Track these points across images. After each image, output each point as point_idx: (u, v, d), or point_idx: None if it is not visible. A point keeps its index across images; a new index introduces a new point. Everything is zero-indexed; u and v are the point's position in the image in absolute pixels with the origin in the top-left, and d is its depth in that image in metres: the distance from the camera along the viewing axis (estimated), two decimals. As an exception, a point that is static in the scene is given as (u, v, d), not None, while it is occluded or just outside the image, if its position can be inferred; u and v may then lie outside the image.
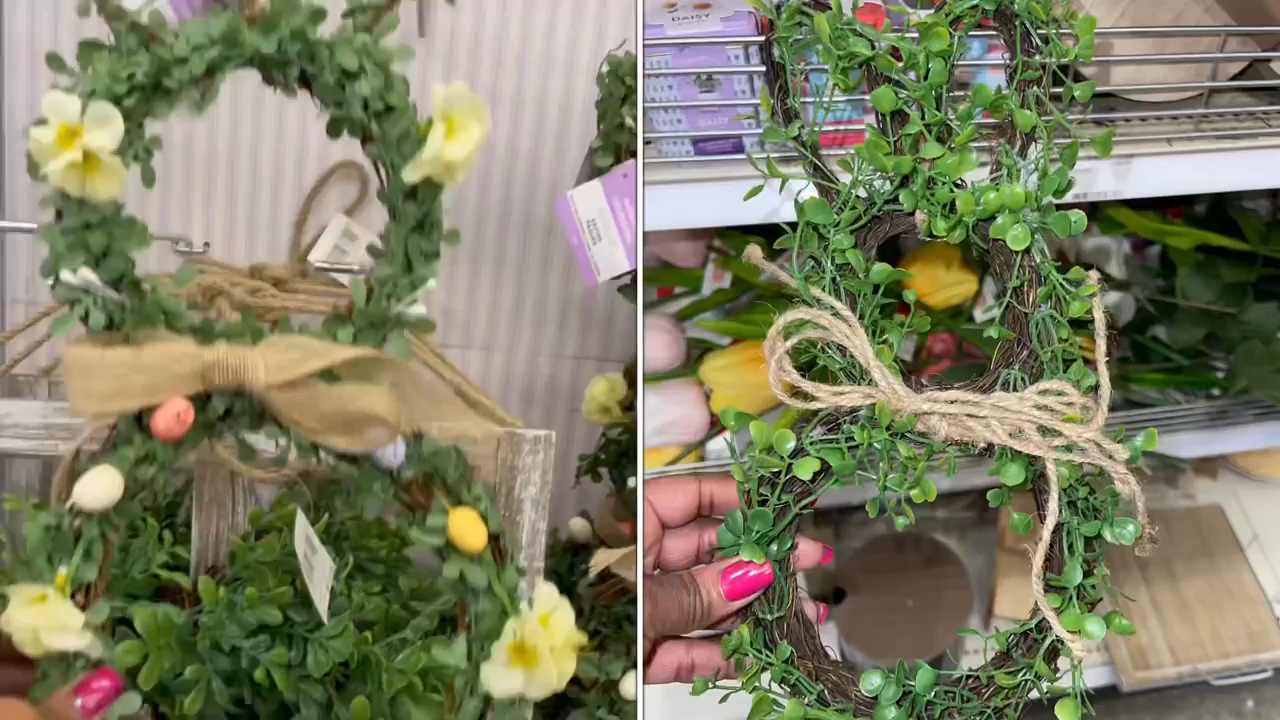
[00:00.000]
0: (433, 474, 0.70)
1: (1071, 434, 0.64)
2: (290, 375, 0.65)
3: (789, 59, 0.72)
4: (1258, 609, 1.41)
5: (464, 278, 1.19)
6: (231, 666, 0.82)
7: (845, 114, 0.79)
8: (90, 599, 0.66)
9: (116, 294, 0.63)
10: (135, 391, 0.64)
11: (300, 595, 0.82)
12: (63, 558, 0.65)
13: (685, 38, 0.80)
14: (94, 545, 0.66)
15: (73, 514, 0.65)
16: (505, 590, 0.69)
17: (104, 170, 0.60)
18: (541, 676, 0.68)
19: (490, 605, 0.69)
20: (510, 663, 0.68)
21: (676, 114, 0.85)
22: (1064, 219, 0.67)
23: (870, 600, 1.40)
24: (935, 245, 1.15)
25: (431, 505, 0.69)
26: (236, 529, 0.91)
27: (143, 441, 0.66)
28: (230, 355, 0.65)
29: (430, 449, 0.69)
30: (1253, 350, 1.21)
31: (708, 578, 0.66)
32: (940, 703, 0.66)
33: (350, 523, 1.00)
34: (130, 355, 0.63)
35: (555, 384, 1.24)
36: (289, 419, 0.66)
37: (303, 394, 0.66)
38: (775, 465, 0.66)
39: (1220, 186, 0.92)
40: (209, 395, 0.66)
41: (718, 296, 1.23)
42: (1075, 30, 0.69)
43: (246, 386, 0.65)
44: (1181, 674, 1.35)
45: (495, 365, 1.23)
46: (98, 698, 0.66)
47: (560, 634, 0.69)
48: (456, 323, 1.21)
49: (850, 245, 0.69)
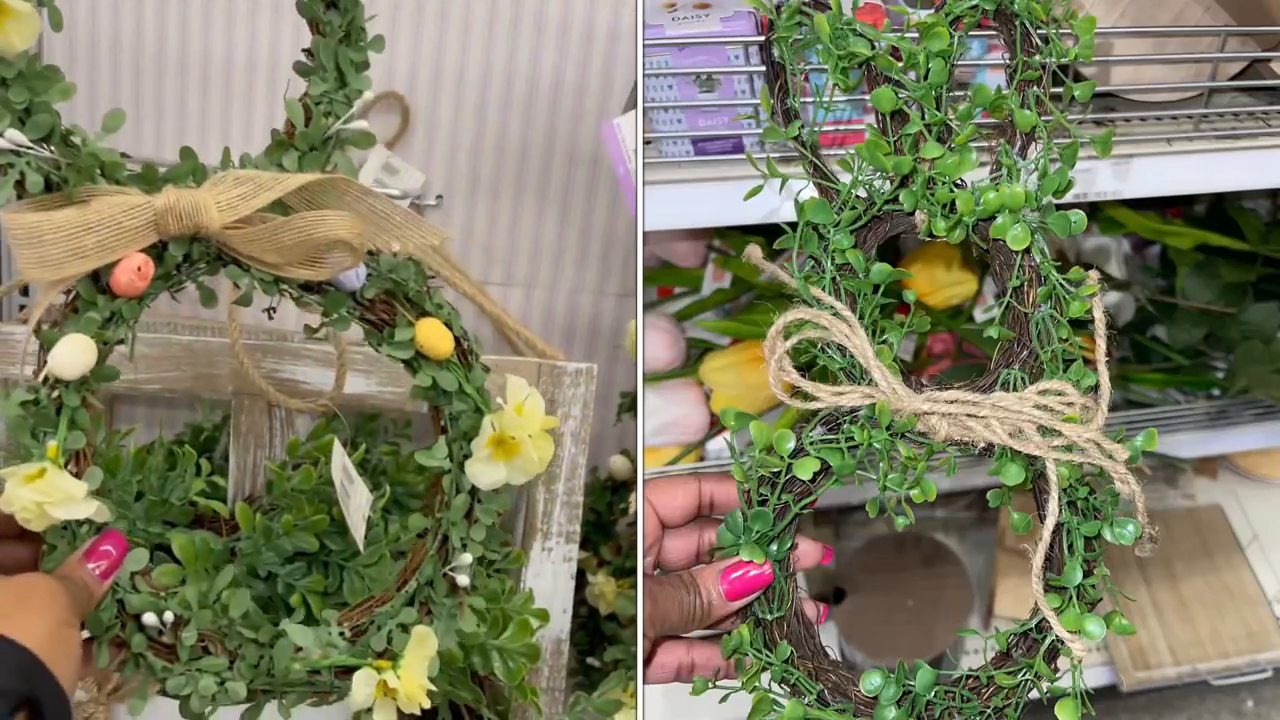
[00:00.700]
0: (394, 289, 0.70)
1: (1071, 434, 0.64)
2: (244, 212, 0.64)
3: (789, 59, 0.72)
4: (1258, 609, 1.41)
5: (506, 214, 1.17)
6: (268, 592, 0.82)
7: (845, 114, 0.79)
8: (82, 466, 0.66)
9: (49, 152, 0.62)
10: (89, 251, 0.62)
11: (336, 524, 0.82)
12: (48, 431, 0.65)
13: (685, 38, 0.80)
14: (78, 413, 0.65)
15: (49, 386, 0.65)
16: (475, 388, 0.72)
17: (15, 18, 0.58)
18: (523, 463, 0.72)
19: (464, 405, 0.72)
20: (492, 456, 0.71)
21: (676, 114, 0.85)
22: (1064, 219, 0.67)
23: (870, 600, 1.40)
24: (935, 245, 1.15)
25: (396, 320, 0.70)
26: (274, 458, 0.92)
27: (106, 302, 0.65)
28: (182, 199, 0.63)
29: (389, 265, 0.69)
30: (1253, 350, 1.21)
31: (708, 578, 0.66)
32: (940, 703, 0.66)
33: (388, 457, 1.01)
34: (78, 214, 0.61)
35: (597, 322, 1.21)
36: (248, 257, 0.65)
37: (262, 230, 0.65)
38: (775, 465, 0.66)
39: (1220, 186, 0.92)
40: (164, 244, 0.65)
41: (718, 296, 1.23)
42: (1075, 30, 0.69)
43: (202, 230, 0.64)
44: (1181, 674, 1.35)
45: (537, 302, 1.20)
46: (109, 560, 0.67)
47: (535, 420, 0.71)
48: (498, 259, 1.18)
49: (850, 245, 0.69)
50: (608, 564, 1.10)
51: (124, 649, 0.69)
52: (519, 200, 1.16)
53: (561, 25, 1.10)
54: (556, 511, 0.93)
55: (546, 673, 0.94)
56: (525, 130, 1.14)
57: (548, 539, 0.93)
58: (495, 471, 0.72)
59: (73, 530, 0.67)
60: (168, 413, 1.14)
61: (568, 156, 1.15)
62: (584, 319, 1.21)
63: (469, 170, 1.14)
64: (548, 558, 0.93)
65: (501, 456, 0.72)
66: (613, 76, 1.12)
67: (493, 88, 1.12)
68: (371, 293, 0.70)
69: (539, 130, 1.14)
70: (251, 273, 0.67)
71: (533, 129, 1.14)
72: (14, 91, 0.60)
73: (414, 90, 1.12)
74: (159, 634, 0.69)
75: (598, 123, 1.13)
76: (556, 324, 1.20)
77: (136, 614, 0.69)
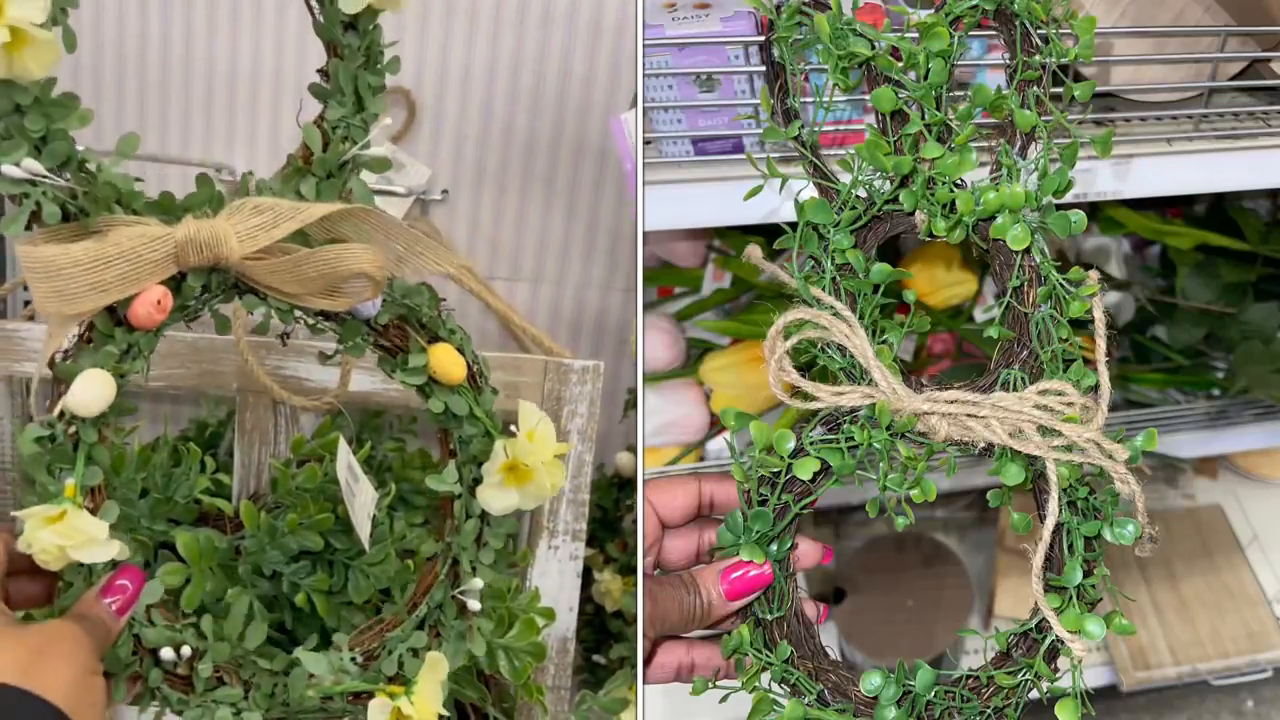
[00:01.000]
0: (407, 314, 0.70)
1: (1071, 434, 0.64)
2: (264, 243, 0.63)
3: (789, 59, 0.72)
4: (1258, 609, 1.41)
5: (512, 208, 1.16)
6: (272, 591, 0.82)
7: (845, 114, 0.79)
8: (98, 501, 0.65)
9: (64, 180, 0.60)
10: (109, 285, 0.60)
11: (341, 522, 0.82)
12: (64, 468, 0.63)
13: (685, 38, 0.80)
14: (95, 449, 0.64)
15: (65, 421, 0.63)
16: (485, 412, 0.72)
17: (32, 45, 0.56)
18: (534, 489, 0.72)
19: (475, 429, 0.72)
20: (504, 482, 0.71)
21: (676, 114, 0.85)
22: (1064, 219, 0.67)
23: (870, 600, 1.40)
24: (935, 245, 1.15)
25: (410, 346, 0.70)
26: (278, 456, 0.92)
27: (123, 334, 0.63)
28: (202, 231, 0.62)
29: (402, 290, 0.69)
30: (1253, 350, 1.21)
31: (708, 578, 0.66)
32: (940, 703, 0.66)
33: (393, 453, 1.00)
34: (97, 247, 0.60)
35: (604, 317, 1.20)
36: (267, 287, 0.64)
37: (283, 261, 0.64)
38: (775, 465, 0.66)
39: (1220, 186, 0.92)
40: (183, 275, 0.63)
41: (717, 296, 1.23)
42: (1075, 30, 0.69)
43: (222, 261, 0.62)
44: (1181, 674, 1.35)
45: (543, 297, 1.19)
46: (125, 595, 0.66)
47: (547, 447, 0.71)
48: (504, 254, 1.17)
49: (850, 245, 0.69)
50: (614, 561, 1.10)
51: (140, 682, 0.69)
52: (525, 194, 1.15)
53: (568, 17, 1.09)
54: (563, 509, 0.92)
55: (552, 671, 0.94)
56: (532, 124, 1.13)
57: (554, 537, 0.93)
58: (507, 497, 0.72)
59: (89, 567, 0.66)
60: (172, 409, 1.14)
61: (575, 150, 1.14)
62: (590, 314, 1.20)
63: (475, 164, 1.13)
64: (554, 556, 0.93)
65: (513, 482, 0.72)
66: (620, 69, 1.11)
67: (499, 81, 1.11)
68: (385, 319, 0.69)
69: (546, 124, 1.13)
70: (269, 301, 0.66)
71: (539, 122, 1.13)
72: (30, 119, 0.58)
73: (420, 84, 1.11)
74: (174, 666, 0.69)
75: (605, 116, 1.12)
76: (563, 319, 1.19)
77: (153, 648, 0.68)
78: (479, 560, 0.74)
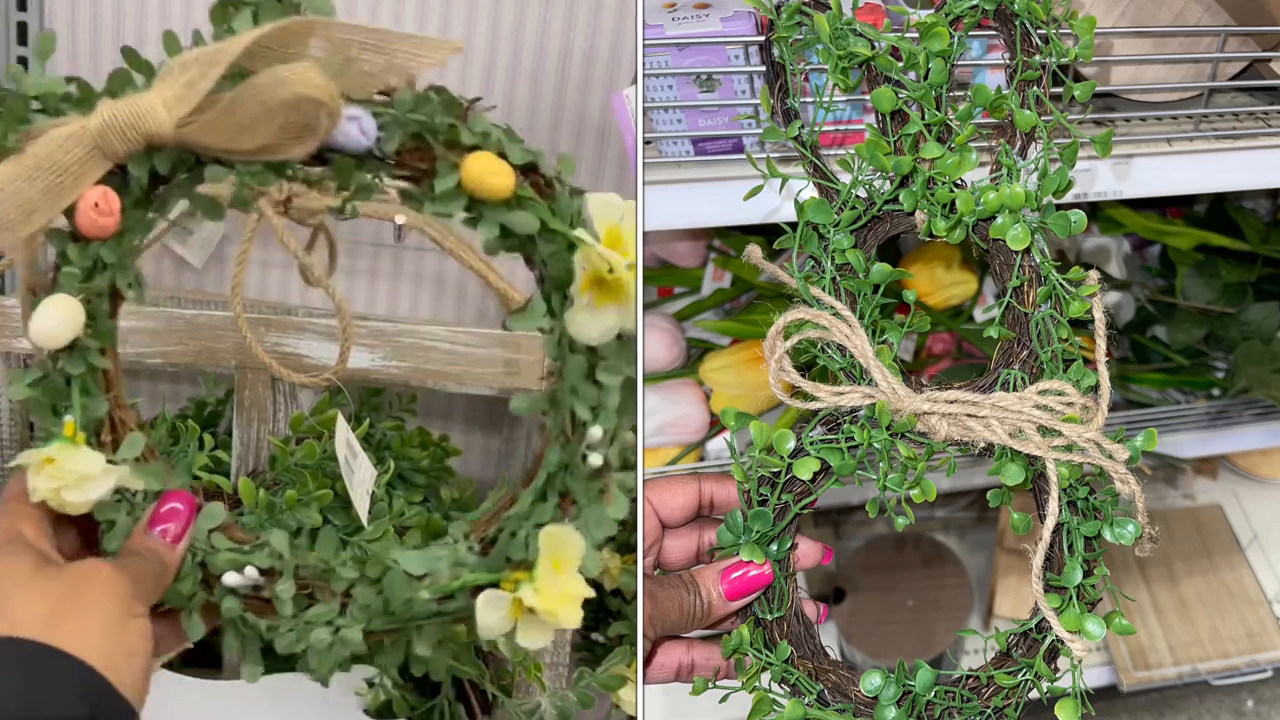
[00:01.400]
0: (422, 130, 0.57)
1: (1071, 434, 0.64)
2: (195, 100, 0.54)
3: (789, 59, 0.72)
4: (1258, 609, 1.41)
5: None
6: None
7: (845, 114, 0.79)
8: (118, 433, 0.59)
9: None
10: (38, 202, 0.54)
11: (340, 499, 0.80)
12: (68, 406, 0.58)
13: (685, 38, 0.80)
14: (86, 379, 0.58)
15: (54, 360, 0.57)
16: (563, 219, 0.58)
17: None
18: (629, 303, 0.58)
19: (551, 245, 0.58)
20: (594, 302, 0.58)
21: (676, 114, 0.85)
22: (1064, 219, 0.67)
23: (870, 600, 1.40)
24: (935, 245, 1.15)
25: (436, 167, 0.57)
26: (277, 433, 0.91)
27: (79, 251, 0.57)
28: (118, 111, 0.54)
29: (407, 103, 0.57)
30: (1252, 350, 1.21)
31: (708, 578, 0.66)
32: (940, 703, 0.66)
33: (392, 431, 1.00)
34: (14, 167, 0.53)
35: None
36: (219, 150, 0.55)
37: (214, 114, 0.54)
38: (775, 465, 0.66)
39: (1220, 186, 0.92)
40: (123, 168, 0.56)
41: (717, 296, 1.23)
42: (1075, 30, 0.69)
43: (154, 138, 0.54)
44: (1181, 674, 1.35)
45: None
46: (178, 521, 0.59)
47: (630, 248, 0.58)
48: None
49: (850, 245, 0.69)
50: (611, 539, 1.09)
51: (217, 614, 0.61)
52: (526, 170, 1.14)
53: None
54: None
55: (551, 648, 0.93)
56: (533, 100, 1.11)
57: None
58: (604, 319, 0.58)
59: (128, 501, 0.59)
60: (170, 387, 1.13)
61: (575, 127, 1.12)
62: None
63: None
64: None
65: (605, 299, 0.58)
66: (621, 46, 1.10)
67: (500, 57, 1.10)
68: (394, 144, 0.57)
69: (546, 100, 1.11)
70: (236, 168, 0.56)
71: (540, 99, 1.11)
72: None
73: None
74: (255, 590, 0.60)
75: (606, 93, 1.11)
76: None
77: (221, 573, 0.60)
78: (603, 404, 0.60)
